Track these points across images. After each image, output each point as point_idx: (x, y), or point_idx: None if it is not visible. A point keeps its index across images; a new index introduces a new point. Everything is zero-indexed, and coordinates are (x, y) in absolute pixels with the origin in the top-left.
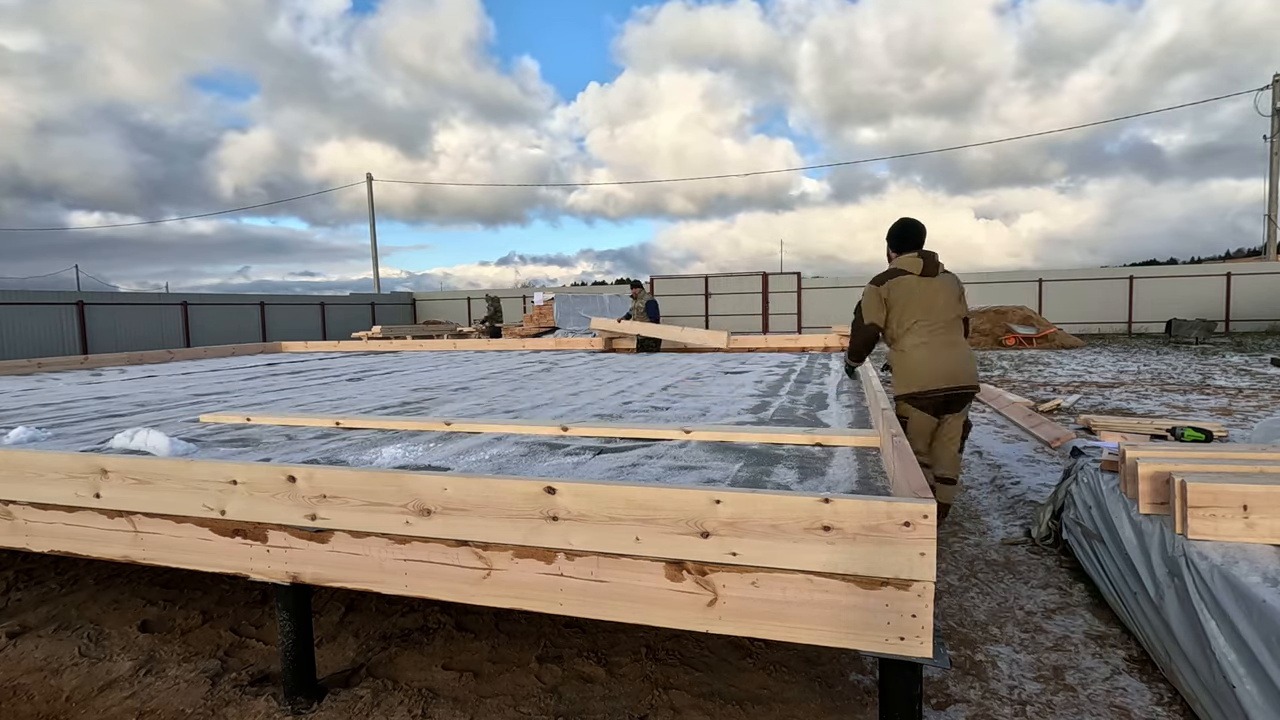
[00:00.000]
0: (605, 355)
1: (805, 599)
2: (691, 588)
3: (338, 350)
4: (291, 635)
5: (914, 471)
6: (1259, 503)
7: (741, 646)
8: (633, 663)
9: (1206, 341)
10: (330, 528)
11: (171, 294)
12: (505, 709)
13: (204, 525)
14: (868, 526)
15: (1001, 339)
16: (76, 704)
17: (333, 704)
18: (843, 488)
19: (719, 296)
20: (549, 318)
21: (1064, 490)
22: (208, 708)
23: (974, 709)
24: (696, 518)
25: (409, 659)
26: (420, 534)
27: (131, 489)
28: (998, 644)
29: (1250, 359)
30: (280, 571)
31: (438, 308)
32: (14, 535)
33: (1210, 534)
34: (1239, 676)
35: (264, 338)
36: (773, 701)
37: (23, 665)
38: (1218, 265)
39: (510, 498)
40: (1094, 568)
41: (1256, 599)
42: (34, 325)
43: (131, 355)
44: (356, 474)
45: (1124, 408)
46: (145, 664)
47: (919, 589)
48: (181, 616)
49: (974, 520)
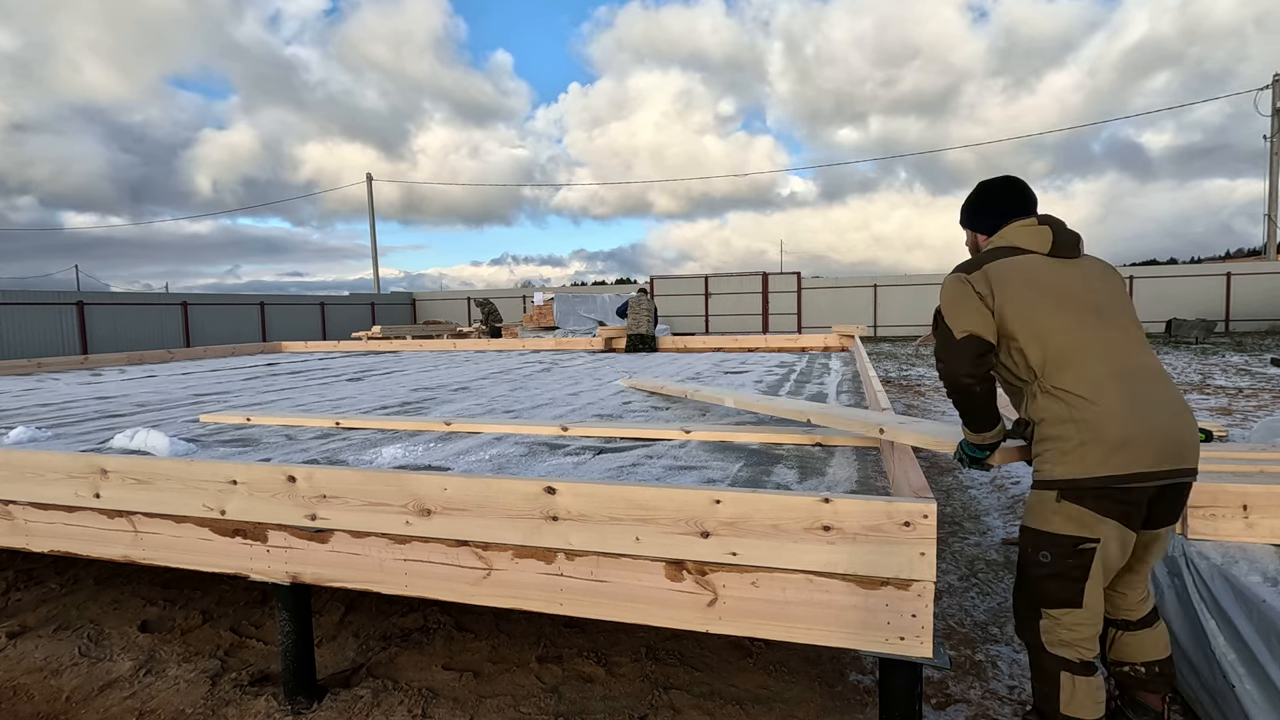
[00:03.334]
0: (605, 355)
1: (805, 599)
2: (691, 588)
3: (338, 350)
4: (291, 635)
5: (914, 471)
6: (1259, 502)
7: (741, 646)
8: (633, 663)
9: (1206, 341)
10: (330, 528)
11: (171, 294)
12: (505, 709)
13: (204, 525)
14: (868, 526)
15: None
16: (76, 704)
17: (333, 704)
18: (843, 488)
19: (719, 296)
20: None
21: None
22: (208, 708)
23: (974, 709)
24: (696, 518)
25: (409, 659)
26: (420, 534)
27: (131, 489)
28: (998, 644)
29: (1250, 359)
30: (280, 571)
31: (437, 308)
32: (14, 535)
33: (1210, 534)
34: (1239, 676)
35: (264, 338)
36: (773, 701)
37: (23, 665)
38: (1218, 265)
39: (510, 498)
40: None
41: (1256, 599)
42: (34, 325)
43: (131, 355)
44: (356, 474)
45: None
46: (145, 664)
47: (919, 589)
48: (181, 616)
49: (974, 520)
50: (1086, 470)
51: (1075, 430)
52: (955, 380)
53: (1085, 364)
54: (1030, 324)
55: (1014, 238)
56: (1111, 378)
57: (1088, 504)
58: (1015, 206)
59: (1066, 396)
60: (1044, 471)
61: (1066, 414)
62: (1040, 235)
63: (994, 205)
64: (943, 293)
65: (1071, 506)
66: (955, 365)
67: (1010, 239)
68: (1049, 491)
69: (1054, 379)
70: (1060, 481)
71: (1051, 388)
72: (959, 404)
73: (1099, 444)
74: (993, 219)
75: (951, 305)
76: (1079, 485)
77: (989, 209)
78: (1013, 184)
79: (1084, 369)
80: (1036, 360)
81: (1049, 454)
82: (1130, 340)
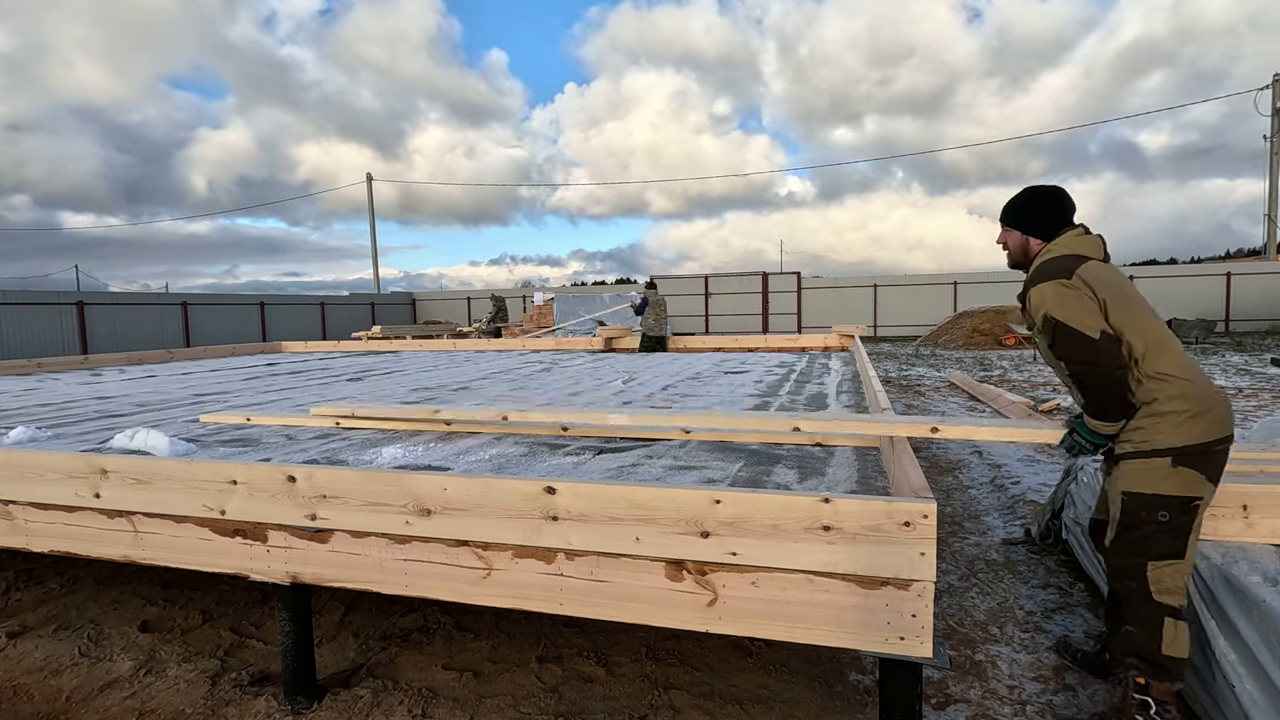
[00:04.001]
0: (605, 355)
1: (805, 599)
2: (691, 587)
3: (338, 350)
4: (291, 635)
5: (914, 471)
6: (1259, 502)
7: (741, 646)
8: (633, 663)
9: (1206, 341)
10: (330, 528)
11: (171, 294)
12: (505, 709)
13: (204, 525)
14: (868, 526)
15: (1001, 339)
16: (76, 704)
17: (333, 704)
18: (843, 488)
19: (719, 296)
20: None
21: (1064, 490)
22: (208, 708)
23: (974, 709)
24: (696, 518)
25: (409, 659)
26: (420, 534)
27: (131, 489)
28: (998, 644)
29: (1250, 359)
30: (280, 571)
31: (437, 308)
32: (14, 535)
33: (1210, 534)
34: (1239, 676)
35: (264, 338)
36: (773, 701)
37: (23, 665)
38: (1218, 265)
39: (510, 498)
40: (1094, 568)
41: (1256, 599)
42: (34, 325)
43: (131, 355)
44: (356, 474)
45: None
46: (145, 664)
47: (919, 589)
48: (181, 616)
49: (974, 520)
50: (1195, 437)
51: (1185, 404)
52: (1109, 375)
53: (1175, 351)
54: (1128, 319)
55: (1076, 246)
56: (1190, 361)
57: (1199, 467)
58: (1069, 216)
59: (1170, 379)
60: (1155, 442)
61: (1176, 392)
62: (1095, 243)
63: (1054, 214)
64: (1049, 301)
65: (1186, 470)
66: (1106, 361)
67: (1073, 247)
68: (1162, 459)
69: (1156, 365)
70: (1175, 449)
71: (1156, 373)
72: (1106, 398)
73: (1204, 415)
74: (1052, 227)
75: (1075, 310)
76: (1190, 450)
77: (1050, 218)
78: (1065, 194)
79: (1176, 355)
80: (1139, 350)
81: (1161, 426)
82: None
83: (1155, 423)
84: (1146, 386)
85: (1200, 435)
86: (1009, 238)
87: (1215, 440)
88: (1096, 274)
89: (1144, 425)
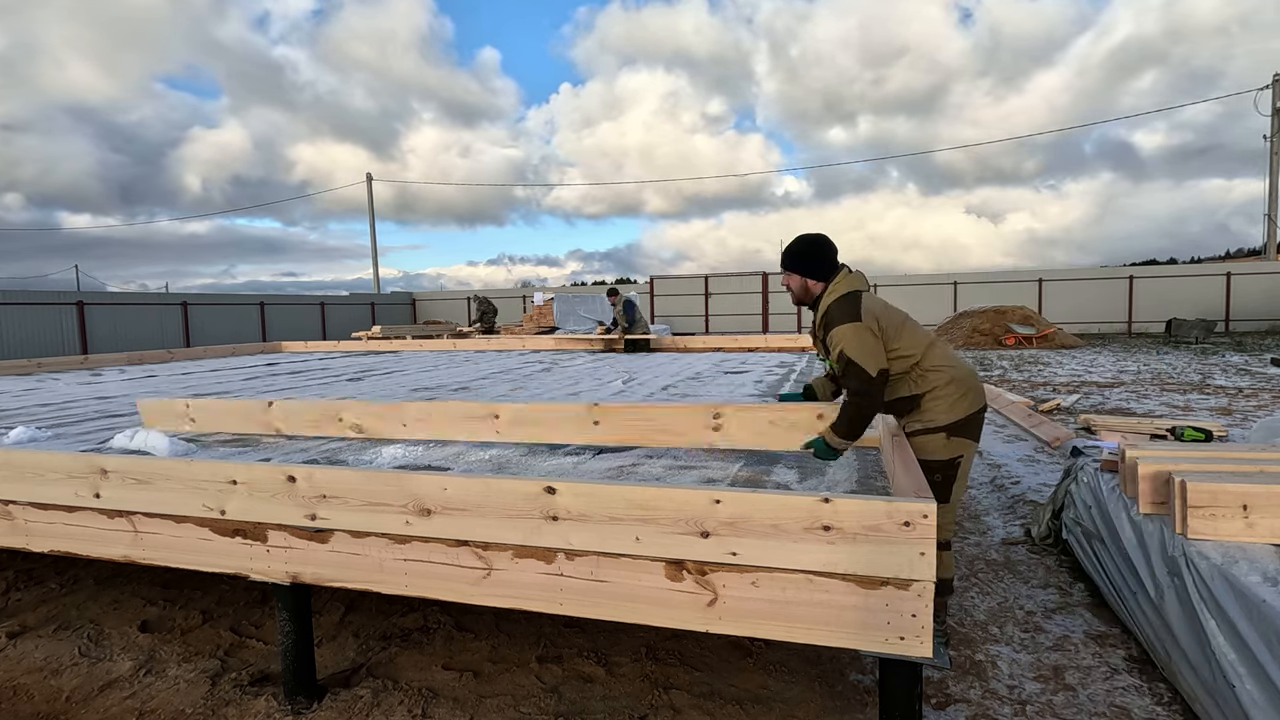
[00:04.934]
0: (605, 355)
1: (805, 599)
2: (691, 588)
3: (338, 350)
4: (291, 635)
5: (914, 471)
6: (1259, 502)
7: (741, 646)
8: (633, 663)
9: (1206, 341)
10: (330, 528)
11: (171, 294)
12: (505, 709)
13: (204, 525)
14: (867, 526)
15: (1001, 339)
16: (76, 704)
17: (333, 704)
18: (842, 488)
19: (719, 296)
20: (549, 317)
21: (1064, 490)
22: (208, 708)
23: (974, 709)
24: (696, 518)
25: (409, 659)
26: (420, 534)
27: (131, 489)
28: (998, 644)
29: (1250, 359)
30: (280, 571)
31: (437, 308)
32: (14, 535)
33: (1210, 534)
34: (1239, 676)
35: (264, 338)
36: (773, 701)
37: (23, 665)
38: (1218, 265)
39: (510, 498)
40: (1094, 567)
41: (1256, 599)
42: (34, 325)
43: (131, 355)
44: (356, 474)
45: (1124, 407)
46: (145, 664)
47: (919, 589)
48: (181, 616)
49: (974, 520)
50: (963, 411)
51: (955, 387)
52: (875, 405)
53: (940, 346)
54: (903, 334)
55: (851, 283)
56: (952, 352)
57: (965, 434)
58: (835, 259)
59: (942, 369)
60: (934, 420)
61: (947, 378)
62: (861, 279)
63: (827, 259)
64: (849, 342)
65: (955, 439)
66: (876, 394)
67: (853, 284)
68: (939, 434)
69: (931, 360)
70: (946, 426)
71: (931, 366)
72: (864, 421)
73: (969, 393)
74: (827, 269)
75: (864, 352)
76: (958, 424)
77: (824, 262)
78: (830, 241)
79: (942, 350)
80: (917, 353)
81: (940, 406)
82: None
83: (935, 403)
84: (927, 378)
85: (967, 409)
86: (791, 280)
87: (977, 411)
88: (871, 306)
89: (928, 408)
